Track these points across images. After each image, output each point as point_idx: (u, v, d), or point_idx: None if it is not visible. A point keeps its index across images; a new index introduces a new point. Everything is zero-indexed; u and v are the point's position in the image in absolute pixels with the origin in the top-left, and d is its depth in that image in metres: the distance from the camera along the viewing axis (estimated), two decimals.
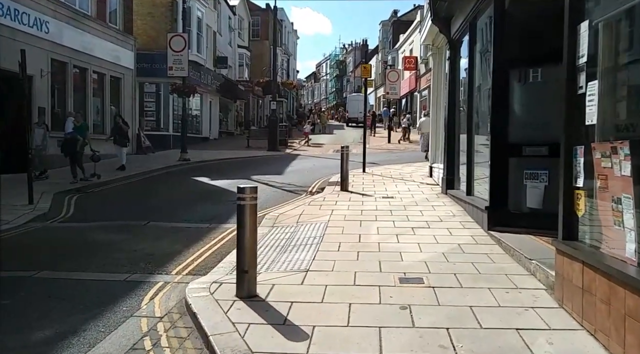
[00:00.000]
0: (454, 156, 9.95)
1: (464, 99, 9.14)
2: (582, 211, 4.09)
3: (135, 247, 6.62)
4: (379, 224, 7.53)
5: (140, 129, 21.06)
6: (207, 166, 17.11)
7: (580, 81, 4.12)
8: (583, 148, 4.05)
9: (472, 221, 7.66)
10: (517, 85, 6.84)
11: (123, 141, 15.35)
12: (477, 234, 6.86)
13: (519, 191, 6.73)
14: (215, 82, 29.49)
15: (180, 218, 8.52)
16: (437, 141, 13.02)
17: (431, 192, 10.54)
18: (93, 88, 17.51)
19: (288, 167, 16.93)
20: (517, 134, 6.74)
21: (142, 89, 23.47)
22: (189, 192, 11.59)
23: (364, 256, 5.77)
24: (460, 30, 9.38)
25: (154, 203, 10.19)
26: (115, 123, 15.67)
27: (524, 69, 6.78)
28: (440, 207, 8.82)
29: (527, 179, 6.64)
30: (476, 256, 5.77)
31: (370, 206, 8.98)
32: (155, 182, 13.51)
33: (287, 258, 5.80)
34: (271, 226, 7.72)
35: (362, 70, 14.43)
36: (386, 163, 16.99)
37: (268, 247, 6.39)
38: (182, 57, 18.18)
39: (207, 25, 27.66)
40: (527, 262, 5.20)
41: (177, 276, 5.40)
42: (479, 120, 8.25)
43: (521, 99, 6.88)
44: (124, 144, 15.41)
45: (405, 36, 40.79)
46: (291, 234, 7.11)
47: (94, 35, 17.27)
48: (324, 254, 5.90)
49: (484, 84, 8.10)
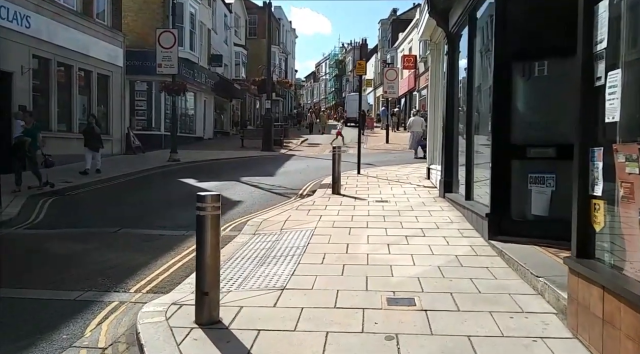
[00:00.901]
0: (453, 157, 9.33)
1: (463, 96, 8.52)
2: (601, 225, 3.46)
3: (98, 258, 5.99)
4: (370, 231, 6.90)
5: (130, 129, 20.42)
6: (196, 167, 16.48)
7: (599, 71, 3.49)
8: (602, 150, 3.42)
9: (471, 229, 7.03)
10: (521, 81, 6.21)
11: (96, 144, 13.79)
12: (476, 243, 6.23)
13: (523, 197, 6.11)
14: (210, 81, 28.84)
15: (156, 224, 7.89)
16: (434, 141, 12.40)
17: (428, 196, 9.91)
18: (79, 86, 16.86)
19: (281, 168, 16.30)
20: (521, 134, 6.12)
21: (133, 88, 22.82)
22: (172, 195, 10.96)
23: (350, 270, 5.15)
24: (458, 23, 8.76)
25: (131, 207, 9.56)
26: (88, 124, 14.14)
27: (529, 63, 6.15)
28: (437, 213, 8.19)
29: (532, 183, 6.02)
30: (476, 270, 5.14)
31: (362, 211, 8.35)
32: (139, 184, 12.87)
33: (263, 272, 5.17)
34: (253, 234, 7.09)
35: (357, 67, 13.80)
36: (383, 164, 16.36)
37: (245, 259, 5.75)
38: (171, 54, 17.56)
39: (200, 22, 27.03)
40: (534, 279, 4.57)
41: (136, 295, 4.77)
42: (480, 119, 7.62)
43: (525, 95, 6.26)
44: (97, 148, 13.80)
45: (404, 34, 40.17)
46: (273, 243, 6.48)
47: (80, 31, 16.63)
48: (306, 267, 5.27)
49: (484, 80, 7.47)
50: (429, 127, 13.05)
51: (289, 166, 16.89)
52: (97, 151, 13.77)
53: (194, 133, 27.35)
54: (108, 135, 18.83)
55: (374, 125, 38.64)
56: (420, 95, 35.09)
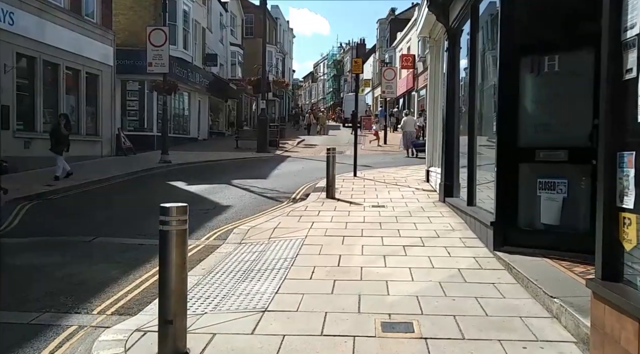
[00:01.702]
0: (453, 159, 8.81)
1: (465, 95, 8.01)
2: (633, 243, 2.94)
3: (66, 272, 5.45)
4: (365, 241, 6.37)
5: (121, 130, 19.87)
6: (187, 169, 15.94)
7: (629, 62, 2.97)
8: (633, 155, 2.90)
9: (474, 238, 6.51)
10: (530, 78, 5.69)
11: (60, 147, 12.36)
12: (481, 255, 5.71)
13: (532, 204, 5.59)
14: (205, 81, 28.30)
15: (137, 232, 7.34)
16: (434, 143, 11.88)
17: (427, 200, 9.39)
18: (66, 85, 16.29)
19: (275, 170, 15.76)
20: (529, 135, 5.60)
21: (125, 87, 22.27)
22: (158, 200, 10.31)
23: (341, 287, 4.62)
24: (459, 17, 8.24)
25: (113, 213, 9.02)
26: (55, 124, 12.54)
27: (538, 57, 5.62)
28: (437, 219, 7.66)
29: (542, 189, 5.50)
30: (481, 287, 4.62)
31: (357, 218, 7.82)
32: (125, 187, 12.33)
33: (245, 290, 4.64)
34: (238, 243, 6.56)
35: (353, 65, 13.27)
36: (380, 166, 15.83)
37: (226, 273, 5.23)
38: (162, 52, 17.05)
39: (195, 21, 26.48)
40: (548, 299, 4.05)
41: (99, 317, 4.22)
42: (483, 119, 7.11)
43: (534, 93, 5.74)
44: (60, 152, 12.38)
45: (402, 33, 39.67)
46: (259, 254, 5.95)
47: (67, 29, 16.06)
48: (292, 284, 4.75)
49: (488, 77, 6.97)
50: (428, 127, 12.54)
51: (283, 168, 16.35)
52: (60, 155, 12.42)
53: (187, 134, 26.81)
54: (97, 136, 18.33)
55: (371, 125, 38.08)
56: (419, 95, 34.57)
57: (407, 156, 19.48)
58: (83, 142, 17.39)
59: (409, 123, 20.33)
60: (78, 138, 17.07)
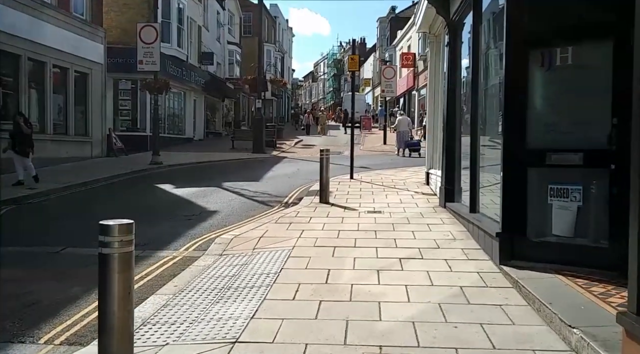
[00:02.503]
0: (455, 162, 8.24)
1: (467, 92, 7.45)
2: None
3: (22, 289, 4.89)
4: (358, 252, 5.81)
5: (112, 130, 19.31)
6: (178, 171, 15.38)
7: None
8: None
9: (477, 248, 5.94)
10: (540, 72, 5.11)
11: (24, 149, 11.19)
12: (485, 269, 5.14)
13: (542, 213, 5.03)
14: (200, 80, 27.72)
15: None
16: (434, 143, 11.32)
17: (427, 205, 8.82)
18: (53, 84, 15.73)
19: (269, 171, 15.19)
20: (539, 136, 5.03)
21: (117, 86, 21.68)
22: (142, 204, 9.85)
23: (328, 310, 4.05)
24: (461, 9, 7.69)
25: (90, 219, 8.31)
26: (15, 124, 11.37)
27: (549, 49, 5.05)
28: (438, 227, 7.10)
29: (553, 196, 4.93)
30: (487, 310, 4.05)
31: (350, 225, 7.26)
32: (110, 190, 11.76)
33: (217, 313, 4.07)
34: (219, 255, 6.00)
35: (350, 62, 12.70)
36: (378, 167, 15.28)
37: (199, 292, 4.66)
38: (153, 50, 16.46)
39: (190, 18, 25.92)
40: (565, 329, 3.48)
41: (44, 349, 3.65)
42: (487, 118, 6.54)
43: (545, 89, 5.17)
44: (26, 153, 11.25)
45: (403, 32, 39.09)
46: (240, 268, 5.39)
47: (54, 25, 15.49)
48: (272, 305, 4.18)
49: (493, 73, 6.40)
50: (428, 127, 11.96)
51: (278, 170, 15.78)
52: (27, 157, 11.30)
53: (183, 134, 26.24)
54: (87, 136, 17.78)
55: (371, 125, 37.54)
56: (420, 94, 34.01)
57: (397, 154, 20.29)
58: (72, 143, 16.87)
59: (403, 123, 20.73)
60: (66, 139, 16.57)
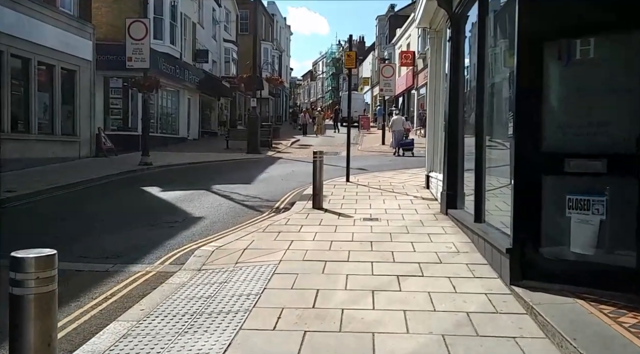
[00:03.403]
0: (457, 165, 7.66)
1: (471, 90, 6.86)
2: None
3: None
4: (351, 268, 5.21)
5: (101, 129, 18.68)
6: (168, 172, 14.76)
7: None
8: None
9: (484, 263, 5.35)
10: (556, 67, 4.52)
11: None
12: (494, 289, 4.55)
13: (559, 227, 4.45)
14: (195, 78, 27.09)
15: (80, 253, 6.17)
16: (434, 144, 10.73)
17: (427, 212, 8.23)
18: (38, 81, 15.09)
19: (262, 173, 14.58)
20: (556, 139, 4.45)
21: (108, 84, 21.02)
22: (123, 209, 9.23)
23: (312, 345, 3.46)
24: (465, 0, 7.09)
25: (64, 227, 7.83)
26: None
27: (568, 41, 4.46)
28: (439, 237, 6.50)
29: (572, 208, 4.34)
30: (499, 344, 3.46)
31: (344, 235, 6.66)
32: (92, 194, 11.13)
33: (183, 348, 3.47)
34: (197, 270, 5.39)
35: (346, 59, 12.10)
36: (377, 169, 14.70)
37: (168, 318, 4.05)
38: (142, 46, 15.85)
39: (184, 15, 25.28)
40: None
41: None
42: (494, 118, 5.95)
43: (563, 86, 4.57)
44: None
45: (402, 30, 38.50)
46: (218, 287, 4.79)
47: (39, 20, 14.82)
48: (248, 338, 3.59)
49: (502, 68, 5.81)
50: (428, 127, 11.37)
51: (272, 171, 15.17)
52: None
53: (177, 134, 25.62)
54: (75, 136, 17.15)
55: (369, 125, 36.98)
56: (419, 93, 33.43)
57: (394, 154, 20.67)
58: (58, 143, 16.24)
59: (397, 123, 21.16)
60: (52, 139, 15.94)
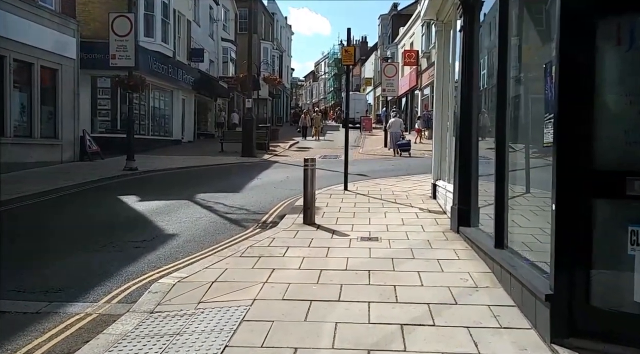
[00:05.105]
0: (471, 175, 6.56)
1: (489, 87, 5.75)
2: None
3: None
4: (342, 311, 4.09)
5: (86, 132, 17.62)
6: (152, 178, 13.69)
7: None
8: None
9: (511, 305, 4.22)
10: (615, 54, 3.41)
11: None
12: (529, 349, 3.42)
13: (618, 268, 3.33)
14: (189, 78, 26.02)
15: (16, 284, 5.06)
16: (441, 149, 9.65)
17: (435, 229, 7.11)
18: (14, 80, 14.02)
19: (254, 179, 13.48)
20: (614, 152, 3.34)
21: (95, 84, 19.98)
22: (92, 223, 8.12)
23: None
24: None
25: (15, 247, 6.71)
26: None
27: (629, 20, 3.35)
28: (452, 265, 5.38)
29: (636, 244, 3.22)
30: None
31: (337, 261, 5.54)
32: (62, 203, 10.02)
33: None
34: (149, 313, 4.27)
35: (344, 55, 10.99)
36: (378, 175, 13.58)
37: None
38: (127, 43, 14.81)
39: (177, 12, 24.22)
40: None
41: None
42: (523, 122, 4.84)
43: (623, 80, 3.45)
44: None
45: (405, 28, 37.38)
46: (166, 342, 3.67)
47: (16, 15, 13.78)
48: None
49: (530, 59, 4.70)
50: (435, 130, 10.25)
51: (265, 177, 14.06)
52: None
53: (170, 136, 24.56)
54: (56, 139, 16.06)
55: (372, 126, 35.86)
56: (423, 94, 32.31)
57: (394, 154, 20.79)
58: (38, 147, 15.17)
59: (395, 124, 21.57)
60: (31, 142, 14.88)
